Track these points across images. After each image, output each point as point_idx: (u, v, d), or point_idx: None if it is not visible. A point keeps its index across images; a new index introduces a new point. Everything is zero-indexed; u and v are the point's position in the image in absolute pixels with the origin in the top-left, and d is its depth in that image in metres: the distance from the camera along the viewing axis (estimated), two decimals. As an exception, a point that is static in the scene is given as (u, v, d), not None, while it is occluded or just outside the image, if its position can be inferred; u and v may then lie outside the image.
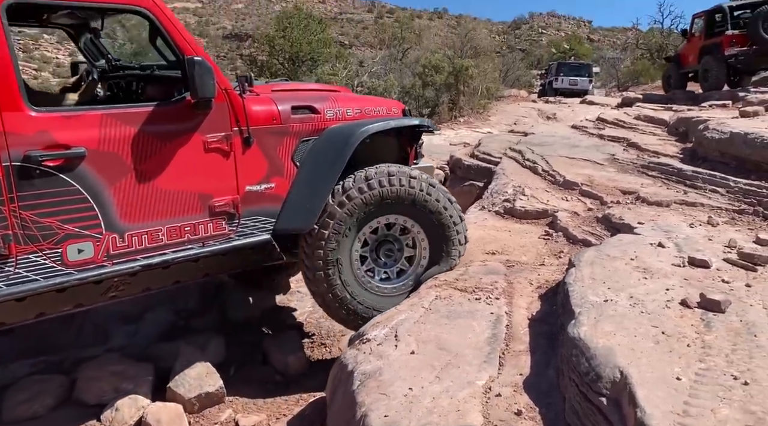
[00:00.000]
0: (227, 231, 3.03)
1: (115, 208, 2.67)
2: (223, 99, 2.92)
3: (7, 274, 2.44)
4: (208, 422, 3.22)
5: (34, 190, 2.44)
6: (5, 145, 2.36)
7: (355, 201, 3.25)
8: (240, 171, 3.02)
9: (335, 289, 3.31)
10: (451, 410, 2.20)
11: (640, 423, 1.74)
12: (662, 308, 2.53)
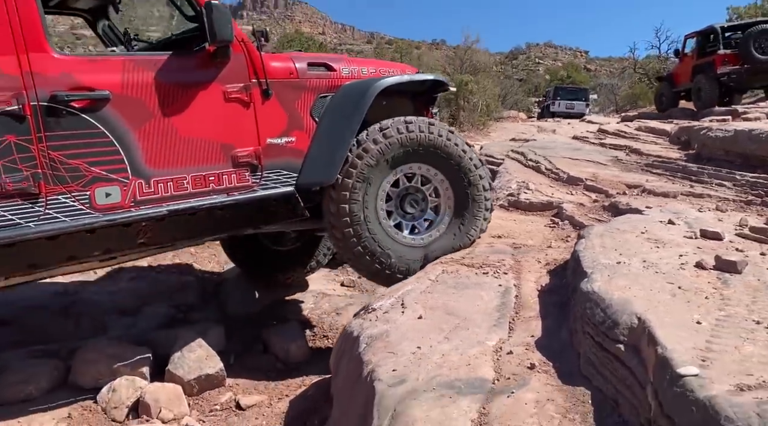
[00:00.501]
0: (251, 183, 3.03)
1: (141, 154, 2.70)
2: (240, 50, 2.96)
3: (38, 214, 2.48)
4: (208, 404, 3.11)
5: (61, 130, 2.50)
6: (32, 84, 2.43)
7: (374, 150, 3.23)
8: (260, 123, 3.04)
9: (364, 241, 3.22)
10: (462, 364, 2.11)
11: (662, 359, 1.65)
12: (677, 269, 2.45)
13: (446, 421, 1.75)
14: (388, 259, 3.28)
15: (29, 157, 2.45)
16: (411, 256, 3.35)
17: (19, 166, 2.43)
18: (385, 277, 3.32)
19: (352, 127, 3.20)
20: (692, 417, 1.42)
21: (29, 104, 2.42)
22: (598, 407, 1.84)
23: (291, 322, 4.14)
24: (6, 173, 2.41)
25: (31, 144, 2.45)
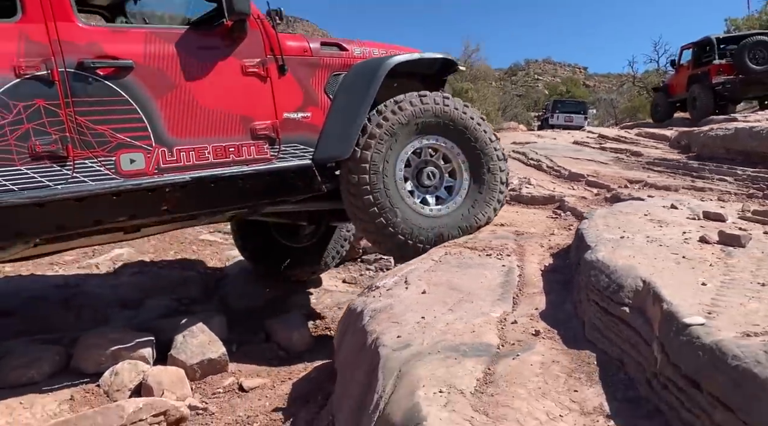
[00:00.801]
0: (269, 155, 3.11)
1: (163, 122, 2.79)
2: (257, 27, 3.08)
3: (66, 177, 2.57)
4: (210, 388, 3.10)
5: (87, 96, 2.60)
6: (60, 51, 2.54)
7: (392, 121, 3.28)
8: (277, 97, 3.14)
9: (386, 212, 3.22)
10: (466, 331, 2.10)
11: (668, 313, 1.65)
12: (680, 243, 2.45)
13: (452, 379, 1.75)
14: (412, 230, 3.27)
15: (57, 122, 2.54)
16: (434, 226, 3.35)
17: (48, 129, 2.52)
18: (408, 252, 3.28)
19: (365, 104, 3.26)
20: (699, 361, 1.42)
21: (57, 70, 2.53)
22: (604, 367, 1.84)
23: (294, 312, 4.12)
24: (35, 136, 2.49)
25: (59, 108, 2.54)
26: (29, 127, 2.49)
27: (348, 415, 2.01)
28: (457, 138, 3.50)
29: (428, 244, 3.29)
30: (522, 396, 1.66)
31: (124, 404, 2.28)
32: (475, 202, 3.52)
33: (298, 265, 4.81)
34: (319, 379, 2.93)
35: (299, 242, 4.80)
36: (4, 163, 2.44)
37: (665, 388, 1.55)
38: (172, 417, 2.33)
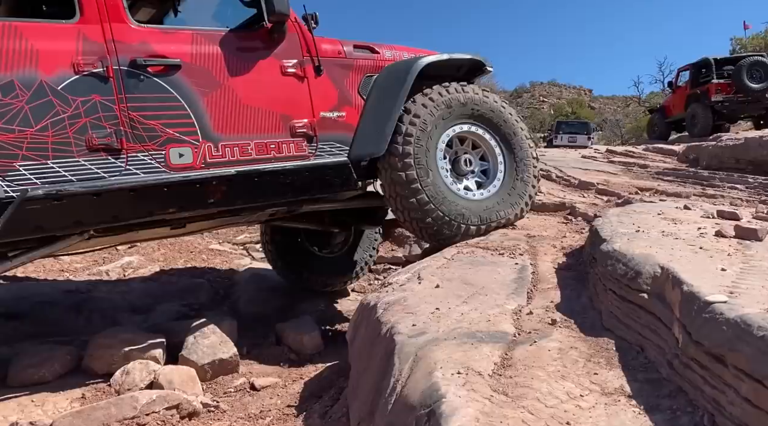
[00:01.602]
0: (307, 153, 3.22)
1: (209, 119, 2.91)
2: (294, 29, 3.22)
3: (119, 169, 2.69)
4: (222, 388, 3.07)
5: (139, 93, 2.74)
6: (114, 50, 2.70)
7: (429, 108, 3.37)
8: (314, 97, 3.26)
9: (439, 204, 3.27)
10: (482, 320, 2.09)
11: (689, 294, 1.63)
12: (696, 237, 2.44)
13: (469, 361, 1.73)
14: (458, 216, 3.32)
15: (112, 116, 2.67)
16: (477, 209, 3.42)
17: (104, 123, 2.65)
18: (450, 240, 3.33)
19: (398, 103, 3.35)
20: (723, 335, 1.40)
21: (112, 67, 2.67)
22: (623, 352, 1.82)
23: (304, 316, 4.10)
24: (92, 129, 2.62)
25: (113, 104, 2.68)
26: (86, 120, 2.62)
27: (363, 402, 1.99)
28: (494, 128, 3.62)
29: (482, 224, 3.39)
30: (541, 378, 1.65)
31: (137, 395, 2.27)
32: (512, 189, 3.61)
33: (329, 274, 4.81)
34: (331, 377, 2.91)
35: (331, 252, 4.85)
36: (64, 155, 2.57)
37: (687, 367, 1.53)
38: (184, 411, 2.31)
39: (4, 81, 2.46)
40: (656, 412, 1.45)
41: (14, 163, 2.47)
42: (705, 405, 1.41)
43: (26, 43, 2.53)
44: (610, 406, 1.50)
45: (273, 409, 2.57)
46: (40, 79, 2.54)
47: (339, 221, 4.53)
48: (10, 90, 2.47)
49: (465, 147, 3.61)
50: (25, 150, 2.49)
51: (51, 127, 2.54)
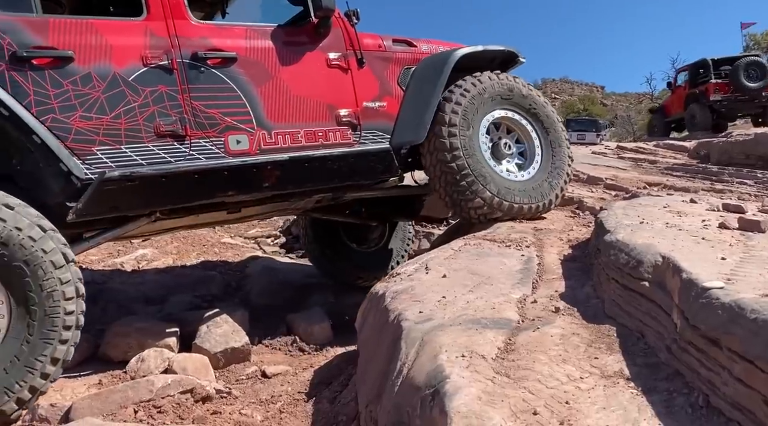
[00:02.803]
0: (351, 140, 3.41)
1: (262, 108, 3.11)
2: (338, 24, 3.43)
3: (184, 154, 2.88)
4: (234, 375, 3.15)
5: (200, 83, 2.95)
6: (177, 45, 2.91)
7: (472, 93, 3.55)
8: (357, 87, 3.46)
9: (489, 185, 3.44)
10: (487, 308, 2.15)
11: (687, 281, 1.68)
12: (700, 229, 2.47)
13: (473, 346, 1.79)
14: (502, 199, 3.49)
15: (176, 105, 2.88)
16: (522, 189, 3.60)
17: (169, 112, 2.86)
18: (515, 211, 3.55)
19: (436, 93, 3.52)
20: (718, 319, 1.45)
21: (176, 60, 2.89)
22: (623, 338, 1.87)
23: (315, 307, 4.17)
24: (159, 117, 2.83)
25: (177, 94, 2.89)
26: (154, 109, 2.82)
27: (371, 386, 2.05)
28: (530, 114, 3.80)
29: (525, 204, 3.58)
30: (543, 361, 1.70)
31: (153, 379, 2.35)
32: (549, 173, 3.78)
33: (365, 268, 4.92)
34: (340, 366, 2.97)
35: (368, 246, 5.00)
36: (135, 141, 2.77)
37: (684, 351, 1.57)
38: (198, 395, 2.39)
39: (82, 73, 2.67)
40: (653, 394, 1.50)
41: (92, 148, 2.68)
42: (700, 386, 1.46)
43: (101, 38, 2.75)
44: (608, 387, 1.55)
45: (284, 395, 2.64)
46: (113, 71, 2.75)
47: (376, 215, 4.75)
48: (88, 81, 2.69)
49: (500, 133, 3.78)
50: (102, 136, 2.70)
51: (123, 115, 2.75)
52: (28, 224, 2.29)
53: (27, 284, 2.25)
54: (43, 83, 2.59)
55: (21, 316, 2.23)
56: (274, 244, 6.98)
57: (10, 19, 2.57)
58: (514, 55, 4.02)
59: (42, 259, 2.28)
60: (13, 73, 2.53)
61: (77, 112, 2.65)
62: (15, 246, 2.24)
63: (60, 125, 2.60)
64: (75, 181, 2.60)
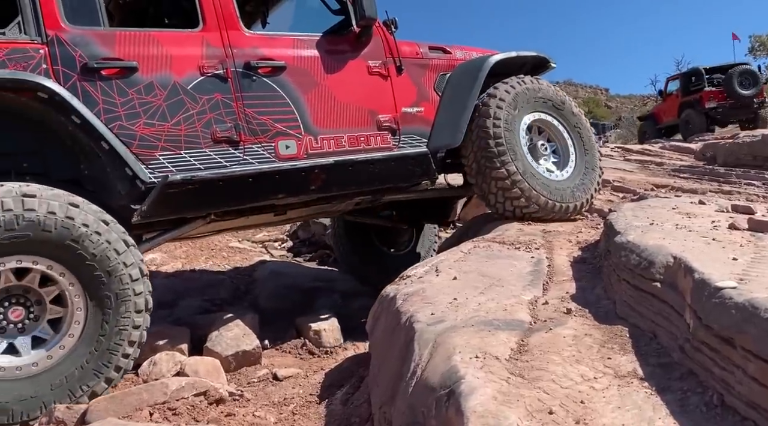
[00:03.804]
0: (391, 145, 3.53)
1: (309, 114, 3.24)
2: (378, 33, 3.56)
3: (238, 159, 3.02)
4: (245, 378, 3.17)
5: (252, 91, 3.08)
6: (231, 55, 3.04)
7: (512, 95, 3.68)
8: (396, 94, 3.59)
9: (535, 186, 3.57)
10: (499, 309, 2.16)
11: (699, 281, 1.69)
12: (710, 230, 2.48)
13: (486, 347, 1.80)
14: (548, 198, 3.62)
15: (231, 112, 3.01)
16: (563, 187, 3.72)
17: (225, 118, 2.99)
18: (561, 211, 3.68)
19: (471, 97, 3.65)
20: (732, 318, 1.45)
21: (230, 70, 3.02)
22: (636, 339, 1.88)
23: (324, 310, 4.19)
24: (216, 124, 2.97)
25: (232, 101, 3.01)
26: (211, 116, 2.96)
27: (384, 388, 2.07)
28: (563, 117, 3.94)
29: (565, 203, 3.70)
30: (556, 362, 1.71)
31: (167, 382, 2.36)
32: (583, 174, 3.91)
33: (397, 272, 4.93)
34: (351, 368, 2.98)
35: (397, 250, 5.10)
36: (193, 146, 2.91)
37: (698, 350, 1.58)
38: (211, 397, 2.41)
39: (146, 82, 2.82)
40: (667, 393, 1.51)
41: (155, 153, 2.82)
42: (714, 385, 1.47)
43: (162, 49, 2.89)
44: (622, 387, 1.56)
45: (296, 397, 2.66)
46: (173, 80, 2.89)
47: (405, 218, 4.89)
48: (151, 90, 2.83)
49: (532, 134, 3.88)
50: (163, 141, 2.84)
51: (183, 121, 2.89)
52: (93, 220, 2.44)
53: (97, 272, 2.41)
54: (111, 92, 2.74)
55: (96, 304, 2.43)
56: (281, 248, 7.00)
57: (82, 33, 2.72)
58: (545, 61, 4.16)
59: (122, 271, 2.47)
60: (84, 83, 2.68)
61: (141, 120, 2.79)
62: (99, 255, 2.41)
63: (126, 132, 2.74)
64: (140, 184, 2.74)
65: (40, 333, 2.40)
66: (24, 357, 2.33)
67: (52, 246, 2.34)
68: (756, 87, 13.28)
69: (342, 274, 5.53)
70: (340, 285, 5.19)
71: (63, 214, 2.35)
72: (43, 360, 2.35)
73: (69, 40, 2.69)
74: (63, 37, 2.68)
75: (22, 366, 2.30)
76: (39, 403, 2.29)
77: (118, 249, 2.47)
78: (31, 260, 2.33)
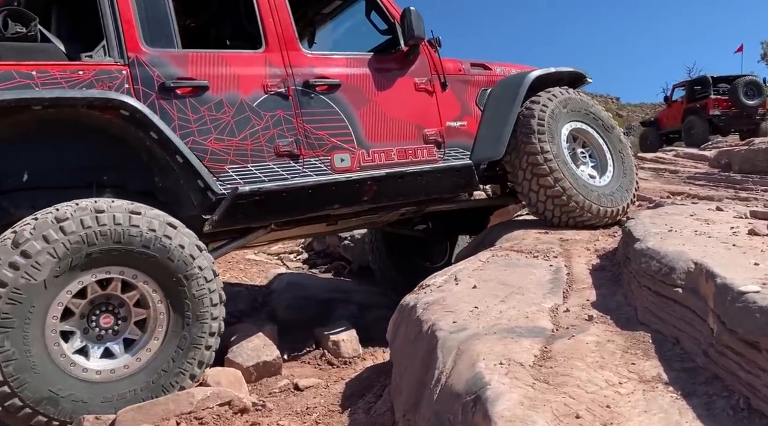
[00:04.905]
0: (437, 157, 3.69)
1: (361, 129, 3.41)
2: (424, 52, 3.71)
3: (298, 171, 3.19)
4: (266, 389, 3.19)
5: (310, 108, 3.25)
6: (291, 74, 3.22)
7: (555, 103, 3.84)
8: (441, 108, 3.74)
9: (582, 193, 3.69)
10: (520, 317, 2.18)
11: (722, 286, 1.70)
12: (729, 236, 2.48)
13: (510, 354, 1.82)
14: (594, 200, 3.73)
15: (292, 128, 3.18)
16: (607, 192, 3.84)
17: (286, 134, 3.17)
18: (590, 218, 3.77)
19: (513, 112, 3.77)
20: (756, 322, 1.46)
21: (291, 88, 3.20)
22: (659, 344, 1.89)
23: (341, 321, 4.21)
24: (278, 138, 3.14)
25: (292, 117, 3.19)
26: (274, 131, 3.13)
27: (408, 395, 2.09)
28: (599, 127, 4.09)
29: (610, 207, 3.81)
30: (580, 367, 1.73)
31: (193, 392, 2.40)
32: (621, 181, 4.01)
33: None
34: (371, 378, 3.00)
35: (433, 262, 5.14)
36: (258, 160, 3.09)
37: (722, 354, 1.59)
38: (236, 407, 2.43)
39: (216, 100, 3.00)
40: (693, 397, 1.52)
41: (225, 166, 2.99)
42: (740, 389, 1.48)
43: (230, 69, 3.07)
44: (648, 392, 1.57)
45: (318, 406, 2.68)
46: (240, 98, 3.06)
47: (442, 229, 5.06)
48: (221, 107, 3.01)
49: (571, 143, 4.00)
50: (232, 155, 3.02)
51: (249, 137, 3.06)
52: (188, 243, 2.62)
53: (184, 294, 2.58)
54: (185, 110, 2.92)
55: (176, 323, 2.59)
56: (296, 259, 7.05)
57: (159, 55, 2.92)
58: (581, 76, 4.34)
59: (198, 274, 2.61)
60: (162, 102, 2.87)
61: (212, 135, 2.97)
62: (178, 261, 2.56)
63: (199, 146, 2.92)
64: (211, 195, 2.90)
65: (130, 334, 2.57)
66: (119, 359, 2.50)
67: (143, 258, 2.50)
68: (760, 97, 13.77)
69: (358, 286, 5.57)
70: (357, 296, 5.22)
71: (162, 232, 2.54)
72: (134, 361, 2.52)
73: (148, 61, 2.88)
74: (142, 58, 2.87)
75: (116, 368, 2.47)
76: (138, 400, 2.43)
77: (193, 254, 2.61)
78: (118, 270, 2.49)
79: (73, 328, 2.43)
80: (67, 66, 2.74)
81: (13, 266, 2.25)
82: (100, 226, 2.41)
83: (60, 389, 2.28)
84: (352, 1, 3.95)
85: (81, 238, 2.37)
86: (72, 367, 2.36)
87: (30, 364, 2.24)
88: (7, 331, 2.20)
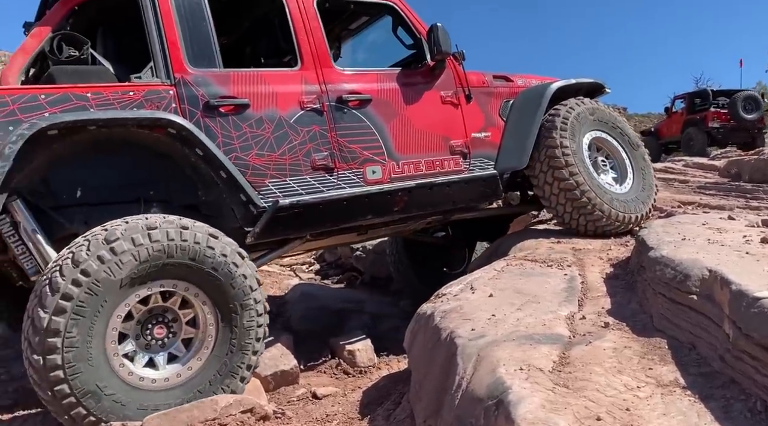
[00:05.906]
0: (463, 168, 3.79)
1: (392, 142, 3.51)
2: (449, 65, 3.81)
3: (333, 184, 3.30)
4: (284, 397, 3.23)
5: (344, 123, 3.36)
6: (326, 90, 3.33)
7: (576, 113, 3.93)
8: (466, 120, 3.84)
9: (591, 200, 3.74)
10: (537, 324, 2.22)
11: (737, 292, 1.74)
12: (742, 244, 2.52)
13: (529, 359, 1.86)
14: (617, 207, 3.81)
15: (326, 142, 3.29)
16: (627, 199, 3.92)
17: (321, 148, 3.27)
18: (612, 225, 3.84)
19: (535, 122, 3.87)
20: (772, 327, 1.50)
21: (325, 104, 3.31)
22: (675, 350, 1.92)
23: (355, 331, 4.26)
24: (314, 153, 3.25)
25: (327, 132, 3.30)
26: (310, 146, 3.24)
27: (428, 402, 2.13)
28: (618, 136, 4.18)
29: (631, 214, 3.89)
30: (599, 372, 1.77)
31: (217, 399, 2.44)
32: (641, 188, 4.11)
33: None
34: (388, 386, 3.04)
35: (452, 269, 5.20)
36: (296, 174, 3.20)
37: (739, 359, 1.63)
38: (258, 414, 2.47)
39: (256, 117, 3.11)
40: (711, 401, 1.56)
41: (265, 181, 3.11)
42: (757, 392, 1.51)
43: (269, 87, 3.18)
44: (666, 396, 1.61)
45: (338, 414, 2.72)
46: (279, 115, 3.17)
47: (462, 237, 5.16)
48: (261, 124, 3.11)
49: (592, 152, 4.08)
50: (272, 170, 3.13)
51: (287, 152, 3.17)
52: (251, 274, 2.71)
53: (236, 322, 2.64)
54: (228, 127, 3.03)
55: (221, 348, 2.64)
56: (308, 270, 7.10)
57: (203, 74, 3.03)
58: (600, 86, 4.41)
59: (253, 306, 2.70)
60: (206, 119, 2.97)
61: (253, 151, 3.07)
62: (238, 290, 2.63)
63: (241, 162, 3.02)
64: (253, 209, 3.01)
65: (174, 350, 2.61)
66: (161, 371, 2.54)
67: (209, 279, 2.58)
68: (758, 112, 14.17)
69: (370, 296, 5.61)
70: (369, 307, 5.26)
71: (232, 260, 2.63)
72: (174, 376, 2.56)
73: (193, 81, 2.99)
74: (188, 79, 2.98)
75: (158, 379, 2.51)
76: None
77: (252, 286, 2.70)
78: (184, 286, 2.56)
79: (128, 332, 2.49)
80: (119, 87, 2.85)
81: (100, 259, 2.34)
82: (182, 241, 2.51)
83: (105, 386, 2.33)
84: (378, 18, 4.05)
85: (163, 247, 2.47)
86: (121, 367, 2.41)
87: (87, 355, 2.29)
88: (77, 320, 2.27)
